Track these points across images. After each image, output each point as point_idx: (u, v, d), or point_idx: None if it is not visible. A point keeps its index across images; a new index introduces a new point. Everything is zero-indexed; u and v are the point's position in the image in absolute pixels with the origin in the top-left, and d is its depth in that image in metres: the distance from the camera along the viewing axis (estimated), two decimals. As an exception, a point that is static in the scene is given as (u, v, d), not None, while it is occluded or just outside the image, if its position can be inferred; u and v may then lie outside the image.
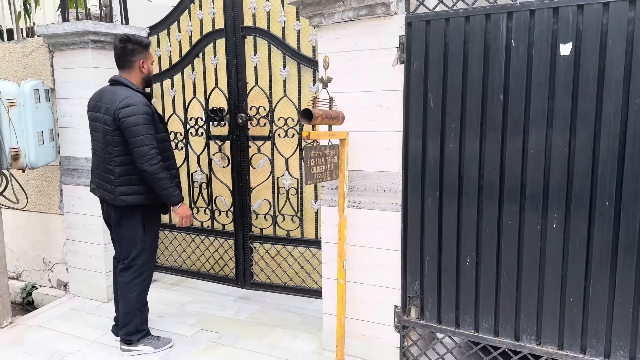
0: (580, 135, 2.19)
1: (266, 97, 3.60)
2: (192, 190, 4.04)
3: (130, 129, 2.72)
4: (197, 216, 4.05)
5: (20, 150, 3.49)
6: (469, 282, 2.52)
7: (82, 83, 3.71)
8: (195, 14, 3.75)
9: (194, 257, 4.19)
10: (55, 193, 4.07)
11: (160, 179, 2.77)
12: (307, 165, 2.38)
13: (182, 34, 3.84)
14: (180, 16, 3.83)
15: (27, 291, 4.29)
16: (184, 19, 3.84)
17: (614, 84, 2.10)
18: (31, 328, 3.50)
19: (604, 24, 2.10)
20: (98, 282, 3.88)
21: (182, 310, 3.68)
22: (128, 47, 2.85)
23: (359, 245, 2.81)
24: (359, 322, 2.87)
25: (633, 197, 2.12)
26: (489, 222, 2.43)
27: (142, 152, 2.72)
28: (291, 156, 3.57)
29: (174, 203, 2.88)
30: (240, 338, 3.24)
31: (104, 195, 2.93)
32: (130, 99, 2.76)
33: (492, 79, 2.35)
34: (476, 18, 2.34)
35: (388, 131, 2.65)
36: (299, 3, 2.70)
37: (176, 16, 3.86)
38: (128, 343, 3.04)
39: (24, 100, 3.50)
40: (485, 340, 2.51)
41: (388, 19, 2.57)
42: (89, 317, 3.64)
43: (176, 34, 3.88)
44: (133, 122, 2.71)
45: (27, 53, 3.99)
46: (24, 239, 4.36)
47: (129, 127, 2.72)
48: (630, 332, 2.19)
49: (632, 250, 2.15)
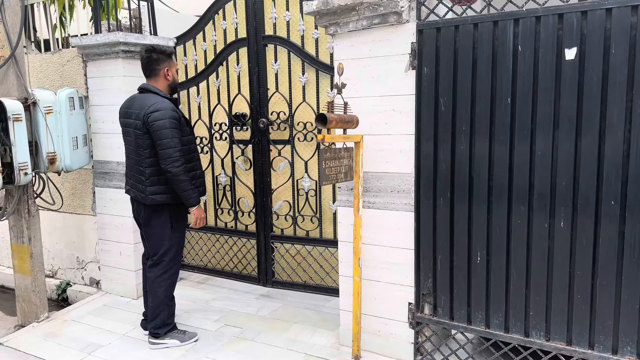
0: (586, 137, 2.26)
1: (286, 102, 3.75)
2: (217, 192, 4.21)
3: (158, 132, 2.90)
4: (221, 217, 4.22)
5: (56, 155, 3.72)
6: (480, 279, 2.61)
7: (113, 91, 3.92)
8: (220, 24, 3.93)
9: (218, 257, 4.36)
10: (89, 195, 4.30)
11: (181, 181, 2.95)
12: (322, 166, 2.50)
13: (207, 43, 4.02)
14: (205, 26, 4.02)
15: (62, 288, 4.53)
16: (208, 29, 4.02)
17: (618, 86, 2.17)
18: (66, 322, 3.72)
19: (607, 29, 2.17)
20: (128, 280, 4.08)
21: (207, 307, 3.85)
22: (153, 57, 3.06)
23: (374, 244, 2.92)
24: (374, 318, 2.98)
25: (638, 197, 2.18)
26: (498, 221, 2.52)
27: (167, 154, 2.91)
28: (310, 159, 3.70)
29: (191, 204, 3.05)
30: (261, 333, 3.38)
31: (136, 195, 3.12)
32: (158, 105, 2.95)
33: (500, 83, 2.43)
34: (484, 25, 2.44)
35: (401, 134, 2.76)
36: (316, 13, 2.84)
37: (201, 26, 4.04)
38: (156, 336, 3.22)
39: (60, 107, 3.73)
40: (496, 336, 2.59)
41: (400, 27, 2.68)
42: (119, 312, 3.84)
43: (202, 44, 4.06)
44: (160, 125, 2.90)
45: (62, 63, 4.23)
46: (59, 239, 4.61)
47: (156, 131, 2.91)
48: (636, 328, 2.25)
49: (637, 248, 2.21)
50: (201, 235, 4.37)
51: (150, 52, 3.05)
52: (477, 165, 2.55)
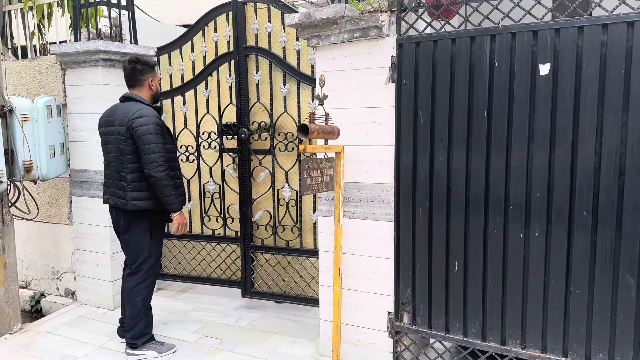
0: (559, 150, 2.34)
1: (267, 112, 3.77)
2: (204, 200, 4.18)
3: (142, 137, 2.94)
4: (208, 224, 4.18)
5: (32, 163, 3.66)
6: (458, 288, 2.65)
7: (92, 99, 3.89)
8: (210, 36, 3.95)
9: (199, 269, 4.32)
10: (65, 204, 4.24)
11: (165, 185, 2.97)
12: (304, 176, 2.53)
13: (196, 54, 4.05)
14: (194, 37, 4.05)
15: (36, 299, 4.43)
16: (197, 39, 4.02)
17: (589, 101, 2.26)
18: (40, 334, 3.64)
19: (579, 46, 2.26)
20: (105, 290, 4.02)
21: (185, 318, 3.82)
22: (137, 67, 3.11)
23: (354, 254, 2.94)
24: (354, 328, 3.00)
25: (609, 208, 2.26)
26: (475, 231, 2.57)
27: (152, 159, 2.93)
28: (291, 169, 3.72)
29: (174, 210, 3.07)
30: (240, 344, 3.37)
31: (116, 202, 3.11)
32: (142, 111, 3.00)
33: (477, 97, 2.50)
34: (462, 40, 2.51)
35: (381, 145, 2.80)
36: (298, 25, 2.88)
37: (190, 37, 4.07)
38: (133, 347, 3.18)
39: (37, 115, 3.68)
40: (473, 344, 2.63)
41: (380, 40, 2.74)
42: (95, 324, 3.77)
43: (189, 54, 4.08)
44: (145, 131, 2.94)
45: (40, 70, 4.19)
46: (34, 249, 4.52)
47: (141, 136, 2.94)
48: (608, 336, 2.31)
49: (608, 257, 2.28)
50: (185, 244, 4.32)
51: (134, 63, 3.10)
52: (454, 176, 2.60)
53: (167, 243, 4.34)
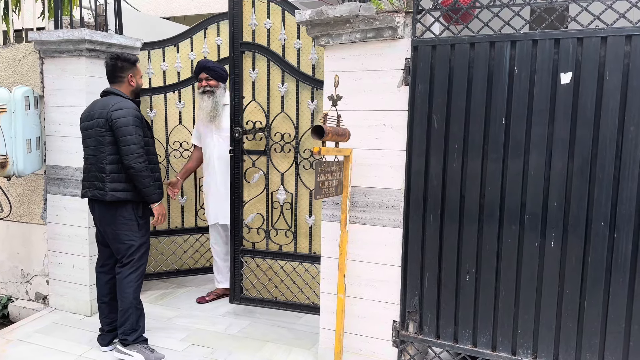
0: (578, 159, 2.33)
1: (263, 112, 3.63)
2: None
3: (121, 128, 2.95)
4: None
5: (8, 158, 3.40)
6: (468, 297, 2.61)
7: (73, 91, 3.65)
8: (214, 40, 4.01)
9: (185, 266, 4.15)
10: (38, 203, 3.96)
11: (144, 177, 2.98)
12: (317, 180, 2.42)
13: (197, 53, 4.05)
14: (193, 35, 4.04)
15: (3, 304, 4.12)
16: (198, 39, 3.99)
17: (610, 112, 2.25)
18: (10, 342, 3.37)
19: (601, 56, 2.26)
20: (82, 295, 3.77)
21: (170, 325, 3.63)
22: (118, 64, 3.13)
23: (359, 261, 2.86)
24: (356, 336, 2.91)
25: (627, 219, 2.26)
26: (489, 240, 2.53)
27: (131, 150, 2.94)
28: (287, 171, 3.60)
29: (153, 200, 3.07)
30: (233, 353, 3.21)
31: (95, 194, 3.05)
32: (122, 104, 3.03)
33: (495, 103, 2.47)
34: (481, 45, 2.47)
35: (392, 149, 2.73)
36: (308, 23, 2.77)
37: (189, 35, 4.06)
38: (124, 343, 3.07)
39: (15, 106, 3.42)
40: (483, 354, 2.59)
41: (394, 42, 2.67)
42: (72, 330, 3.53)
43: (189, 53, 4.08)
44: (124, 122, 2.96)
45: (15, 59, 3.89)
46: (1, 250, 4.20)
47: (120, 127, 2.95)
48: (622, 346, 2.32)
49: (624, 268, 2.29)
50: (174, 239, 4.22)
51: (115, 60, 3.13)
52: (468, 183, 2.56)
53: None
